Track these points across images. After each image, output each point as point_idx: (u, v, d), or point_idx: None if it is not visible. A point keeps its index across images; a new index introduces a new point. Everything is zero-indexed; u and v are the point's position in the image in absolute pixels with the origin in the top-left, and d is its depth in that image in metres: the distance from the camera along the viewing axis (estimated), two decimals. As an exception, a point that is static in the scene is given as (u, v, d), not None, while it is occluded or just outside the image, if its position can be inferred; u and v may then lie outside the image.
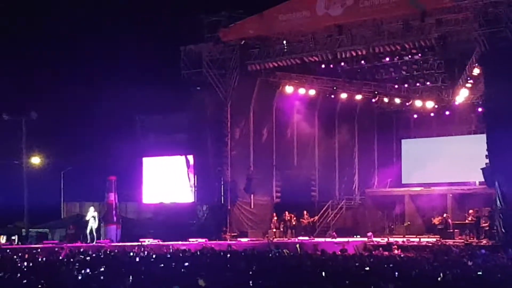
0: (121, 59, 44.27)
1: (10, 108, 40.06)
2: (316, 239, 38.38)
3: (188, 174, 41.11)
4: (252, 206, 40.30)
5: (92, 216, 36.03)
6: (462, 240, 35.13)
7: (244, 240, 36.98)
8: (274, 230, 39.70)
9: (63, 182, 45.62)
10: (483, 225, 36.07)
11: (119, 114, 43.88)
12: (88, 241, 34.98)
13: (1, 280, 18.72)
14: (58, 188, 45.58)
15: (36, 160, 46.48)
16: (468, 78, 36.36)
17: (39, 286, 17.36)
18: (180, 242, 34.21)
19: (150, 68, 43.28)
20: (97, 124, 44.56)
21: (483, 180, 35.18)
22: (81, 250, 30.59)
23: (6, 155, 42.44)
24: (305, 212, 41.42)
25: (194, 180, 40.37)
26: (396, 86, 41.98)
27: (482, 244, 33.23)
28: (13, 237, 39.67)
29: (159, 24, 45.36)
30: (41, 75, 43.69)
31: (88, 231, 35.85)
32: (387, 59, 37.55)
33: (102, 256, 27.52)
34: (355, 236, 39.03)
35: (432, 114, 43.75)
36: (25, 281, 18.76)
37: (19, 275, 20.39)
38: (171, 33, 42.70)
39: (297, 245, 32.50)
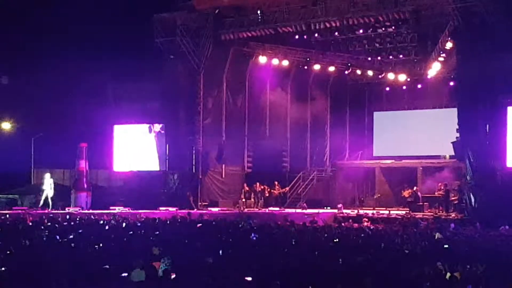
0: (93, 25, 43.75)
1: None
2: (287, 210, 38.54)
3: (156, 142, 40.98)
4: (223, 176, 40.33)
5: (48, 184, 35.84)
6: (432, 213, 35.44)
7: (214, 209, 37.04)
8: (244, 200, 39.76)
9: (33, 148, 45.19)
10: (452, 198, 36.36)
11: (91, 81, 43.45)
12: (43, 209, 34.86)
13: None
14: (28, 154, 45.15)
15: (6, 125, 46.05)
16: (441, 52, 36.43)
17: (7, 251, 17.32)
18: (150, 211, 34.23)
19: (123, 36, 42.83)
20: (69, 91, 44.10)
21: (453, 153, 35.42)
22: (51, 216, 30.54)
23: (-25, 120, 42.10)
24: (276, 182, 41.49)
25: (166, 148, 40.25)
26: (369, 59, 42.00)
27: (451, 217, 33.55)
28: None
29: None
30: (12, 40, 43.09)
31: (43, 198, 35.68)
32: (361, 31, 37.52)
33: (72, 223, 27.49)
34: (325, 208, 39.20)
35: (404, 87, 43.88)
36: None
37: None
38: (145, 1, 42.30)
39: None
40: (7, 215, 31.61)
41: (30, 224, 27.06)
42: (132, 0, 43.42)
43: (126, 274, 14.01)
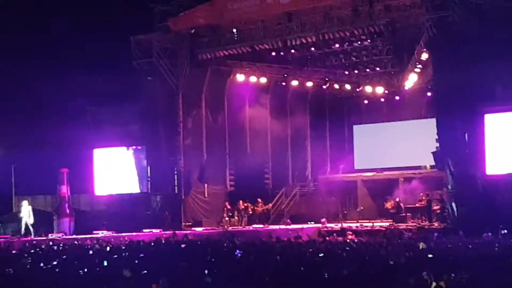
0: (70, 50, 43.76)
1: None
2: (271, 227, 38.54)
3: (135, 164, 40.99)
4: (206, 195, 40.27)
5: (26, 211, 35.61)
6: (415, 224, 35.56)
7: (199, 229, 36.97)
8: (227, 218, 39.72)
9: (14, 175, 44.98)
10: (435, 208, 36.50)
11: (70, 105, 43.36)
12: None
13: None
14: (9, 181, 44.93)
15: (-15, 153, 45.78)
16: (417, 63, 36.71)
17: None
18: (134, 233, 34.13)
19: (100, 59, 42.82)
20: (48, 116, 43.98)
21: (434, 163, 35.60)
22: (34, 243, 30.34)
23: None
24: (259, 199, 41.47)
25: (148, 170, 40.21)
26: (347, 72, 42.26)
27: (434, 227, 33.69)
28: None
29: (109, 14, 44.91)
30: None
31: (23, 226, 35.42)
32: (337, 45, 37.71)
33: (55, 249, 27.33)
34: (309, 223, 39.24)
35: (382, 100, 44.14)
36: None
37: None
38: (121, 23, 42.31)
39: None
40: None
41: (14, 252, 26.88)
42: (108, 22, 43.43)
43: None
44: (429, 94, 39.57)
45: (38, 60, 43.21)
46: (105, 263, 20.57)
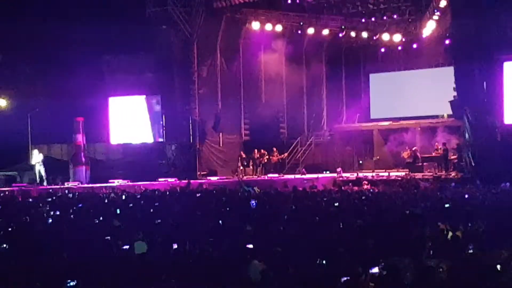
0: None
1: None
2: (286, 176, 38.51)
3: (149, 114, 41.00)
4: (221, 145, 40.25)
5: (37, 161, 35.76)
6: (431, 174, 35.41)
7: (214, 178, 37.00)
8: (242, 168, 39.70)
9: (30, 124, 45.09)
10: (451, 157, 36.29)
11: (85, 54, 43.14)
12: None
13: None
14: (25, 130, 45.06)
15: (2, 102, 45.85)
16: (435, 10, 36.18)
17: (9, 228, 17.29)
18: (149, 182, 34.21)
19: (114, 7, 42.48)
20: (63, 65, 43.83)
21: (451, 112, 35.31)
22: (50, 192, 30.48)
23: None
24: (274, 149, 41.37)
25: (163, 119, 40.17)
26: (363, 20, 41.71)
27: (450, 176, 33.52)
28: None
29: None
30: (3, 17, 42.75)
31: (37, 175, 35.62)
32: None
33: (71, 198, 27.45)
34: (324, 172, 39.17)
35: (399, 48, 43.63)
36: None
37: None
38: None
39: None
40: (7, 192, 31.57)
41: (30, 200, 27.03)
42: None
43: (127, 247, 13.96)
44: (447, 42, 39.03)
45: (53, 9, 42.94)
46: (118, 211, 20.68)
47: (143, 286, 10.74)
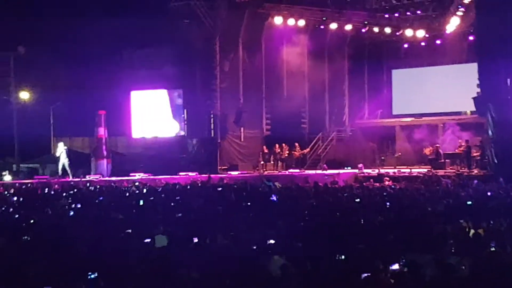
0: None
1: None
2: (307, 172, 38.44)
3: (171, 108, 41.09)
4: (242, 139, 40.19)
5: (61, 152, 35.90)
6: (454, 170, 35.20)
7: (234, 173, 36.99)
8: (263, 162, 39.67)
9: (52, 117, 45.37)
10: (474, 154, 36.04)
11: (107, 48, 43.33)
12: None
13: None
14: (48, 123, 45.35)
15: (25, 95, 46.16)
16: (459, 6, 35.98)
17: (31, 220, 17.38)
18: (170, 176, 34.25)
19: (137, 1, 42.58)
20: (85, 59, 44.05)
21: (474, 109, 35.08)
22: (72, 184, 30.63)
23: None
24: (296, 144, 41.28)
25: (184, 113, 40.22)
26: (387, 16, 41.52)
27: (473, 174, 33.31)
28: (3, 173, 39.67)
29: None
30: (28, 10, 43.02)
31: (60, 167, 35.76)
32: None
33: (93, 191, 27.55)
34: (346, 168, 39.06)
35: (422, 44, 43.39)
36: (16, 215, 18.81)
37: (11, 209, 20.44)
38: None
39: None
40: (29, 184, 31.76)
41: (52, 192, 27.16)
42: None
43: (149, 240, 14.00)
44: (471, 38, 38.78)
45: (75, 3, 43.14)
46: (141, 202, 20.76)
47: (163, 280, 10.74)
